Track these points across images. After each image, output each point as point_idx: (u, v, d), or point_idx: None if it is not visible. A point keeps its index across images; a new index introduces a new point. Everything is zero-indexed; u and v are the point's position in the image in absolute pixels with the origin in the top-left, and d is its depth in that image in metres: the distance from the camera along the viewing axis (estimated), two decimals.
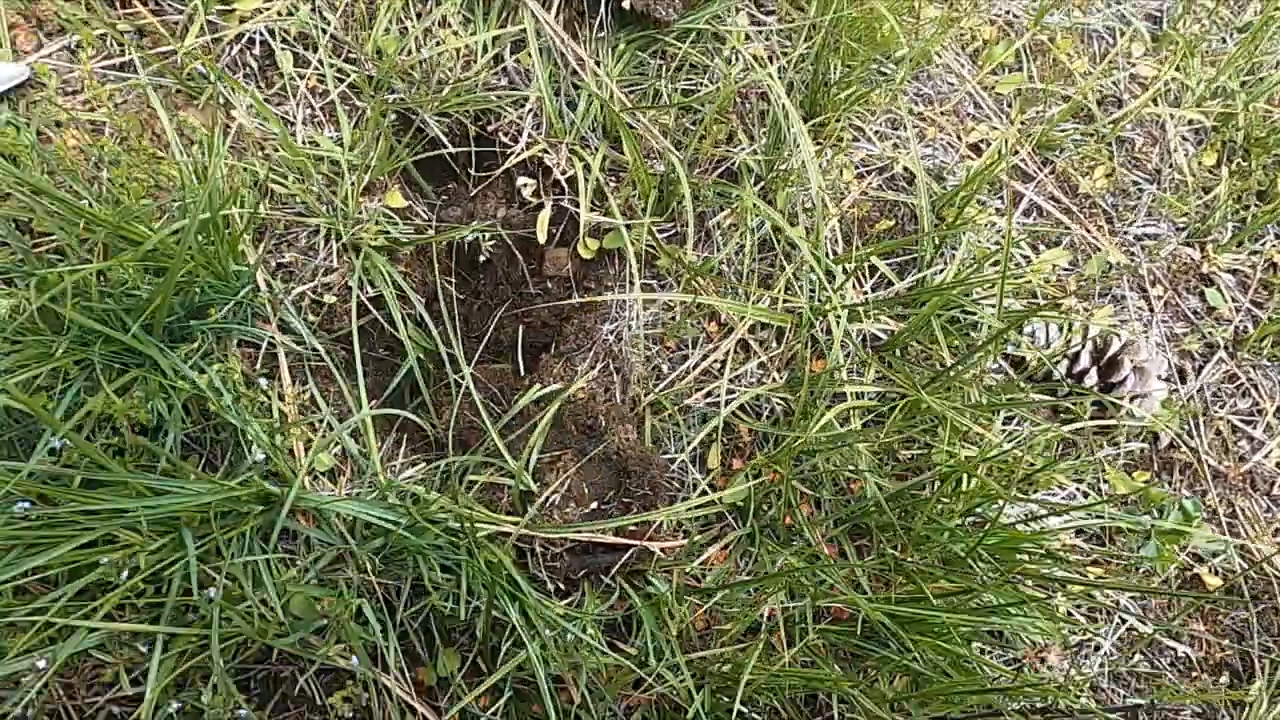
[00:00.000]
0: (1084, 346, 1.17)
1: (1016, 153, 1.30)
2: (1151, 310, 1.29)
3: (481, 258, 1.15)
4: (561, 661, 0.95)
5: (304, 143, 1.09)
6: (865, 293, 1.18)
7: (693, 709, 0.95)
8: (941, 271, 1.20)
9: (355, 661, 0.92)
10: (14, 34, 1.05)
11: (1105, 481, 1.18)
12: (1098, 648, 1.14)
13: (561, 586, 1.01)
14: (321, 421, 1.01)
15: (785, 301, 1.12)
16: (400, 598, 0.97)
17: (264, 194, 1.05)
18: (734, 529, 1.06)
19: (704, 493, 1.06)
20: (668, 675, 0.96)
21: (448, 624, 0.97)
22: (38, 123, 0.99)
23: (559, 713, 0.93)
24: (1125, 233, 1.32)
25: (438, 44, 1.14)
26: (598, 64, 1.15)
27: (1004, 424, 1.17)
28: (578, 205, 1.11)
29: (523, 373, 1.10)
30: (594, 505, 1.00)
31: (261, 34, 1.11)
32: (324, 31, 1.11)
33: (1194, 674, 1.16)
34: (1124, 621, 1.14)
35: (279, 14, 1.10)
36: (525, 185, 1.14)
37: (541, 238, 1.11)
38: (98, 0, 1.06)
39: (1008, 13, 1.39)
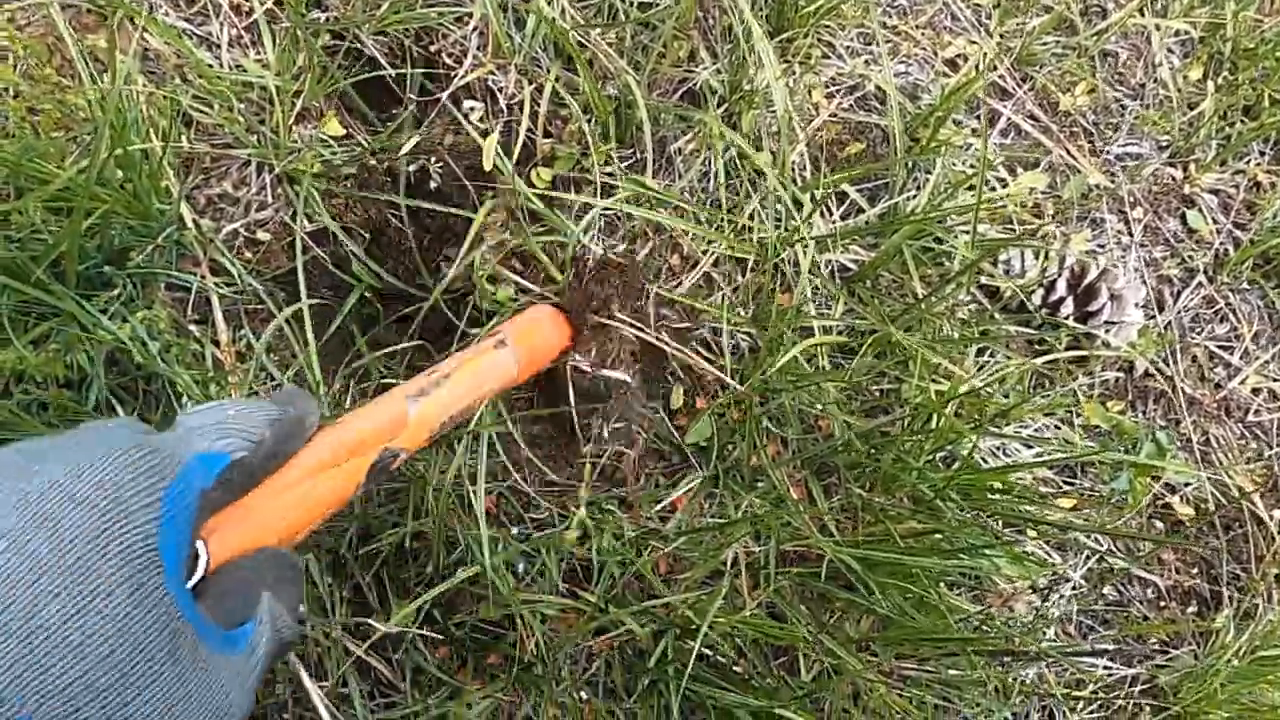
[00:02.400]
0: (1060, 275, 1.12)
1: (995, 68, 1.24)
2: (1131, 234, 1.25)
3: (432, 184, 1.08)
4: (516, 603, 0.92)
5: (229, 67, 1.01)
6: (834, 221, 1.13)
7: (654, 655, 0.93)
8: (914, 197, 1.14)
9: (303, 610, 0.89)
10: None
11: (1077, 415, 1.15)
12: (1067, 579, 1.12)
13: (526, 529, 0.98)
14: (261, 369, 0.95)
15: (750, 232, 1.07)
16: (349, 546, 0.94)
17: (187, 124, 0.97)
18: (697, 471, 1.03)
19: (668, 432, 1.02)
20: (628, 621, 0.94)
21: (401, 575, 0.94)
22: None
23: (516, 661, 0.91)
24: (1106, 152, 1.27)
25: None
26: None
27: (977, 356, 1.13)
28: (528, 131, 1.04)
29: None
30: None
31: None
32: None
33: (1162, 603, 1.16)
34: (1094, 554, 1.13)
35: None
36: (472, 110, 1.07)
37: (488, 165, 1.04)
38: None
39: None
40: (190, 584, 0.45)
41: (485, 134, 1.08)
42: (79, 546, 0.37)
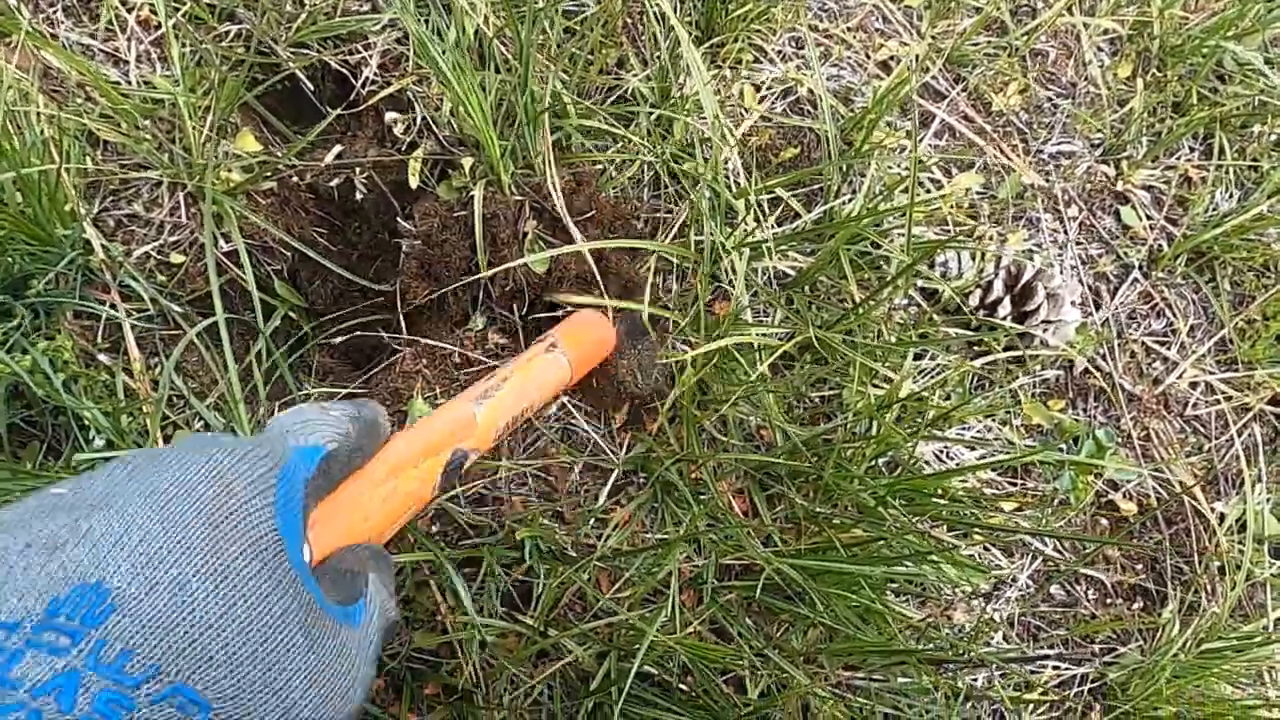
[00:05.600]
0: (997, 275, 1.12)
1: (927, 70, 1.23)
2: (1066, 232, 1.25)
3: (358, 195, 1.05)
4: (454, 631, 0.89)
5: (138, 83, 0.97)
6: (770, 227, 1.11)
7: (597, 678, 0.90)
8: (850, 201, 1.13)
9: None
10: None
11: (1016, 416, 1.15)
12: (1014, 581, 1.12)
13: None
14: (179, 397, 0.92)
15: (683, 239, 1.05)
16: None
17: (94, 144, 0.93)
18: (638, 486, 1.01)
19: (603, 450, 1.00)
20: (569, 644, 0.91)
21: None
22: None
23: (454, 691, 0.88)
24: (1039, 151, 1.27)
25: None
26: None
27: (916, 358, 1.12)
28: (447, 141, 1.02)
29: (404, 332, 1.02)
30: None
31: None
32: None
33: (1109, 600, 1.16)
34: (1040, 554, 1.13)
35: None
36: (395, 122, 1.04)
37: (414, 183, 1.01)
38: None
39: None
40: None
41: (411, 146, 1.05)
42: (209, 530, 0.41)
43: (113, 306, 0.89)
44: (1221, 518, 1.20)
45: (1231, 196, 1.34)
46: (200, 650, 0.38)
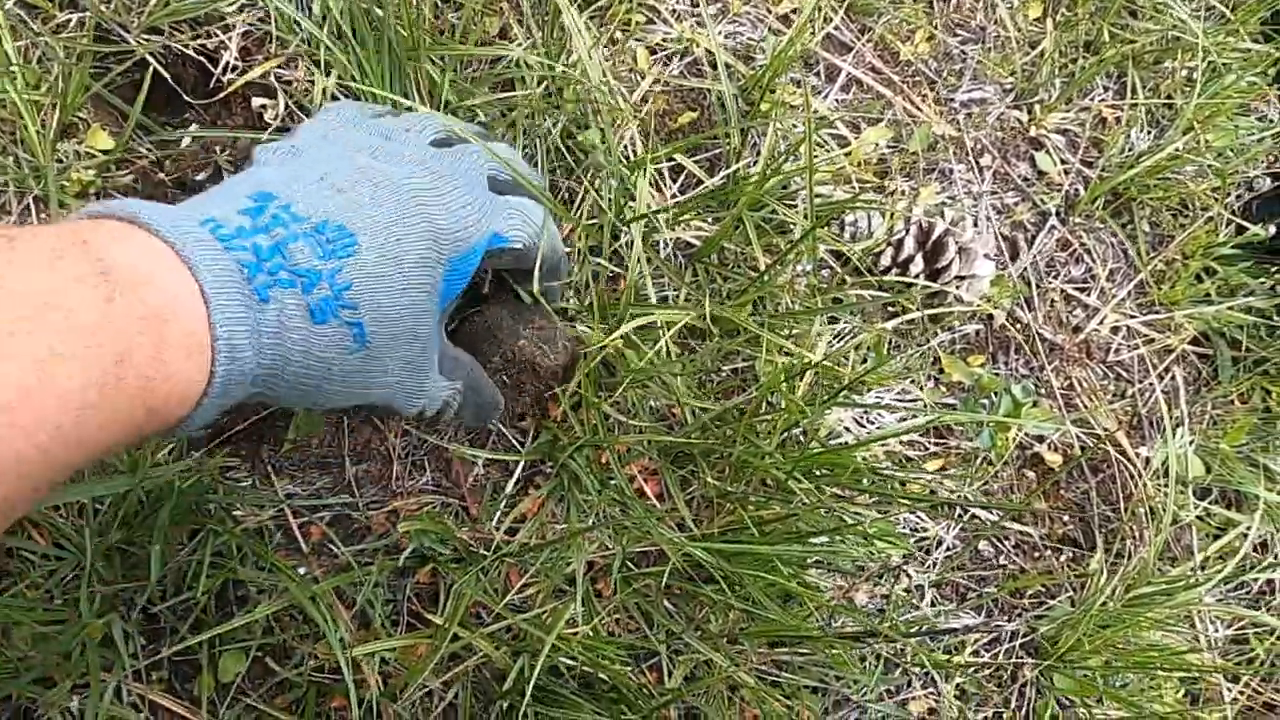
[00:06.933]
0: (908, 232, 1.09)
1: (829, 21, 1.19)
2: (981, 182, 1.22)
3: None
4: (354, 645, 0.86)
5: None
6: (673, 195, 1.07)
7: (510, 677, 0.87)
8: (754, 164, 1.09)
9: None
10: None
11: (933, 377, 1.13)
12: (940, 542, 1.10)
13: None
14: None
15: (586, 215, 1.00)
16: (166, 602, 0.86)
17: None
18: (545, 476, 0.97)
19: (514, 439, 0.96)
20: (481, 643, 0.88)
21: (226, 623, 0.86)
22: None
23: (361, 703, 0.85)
24: (950, 100, 1.24)
25: None
26: None
27: (832, 322, 1.09)
28: None
29: None
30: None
31: None
32: None
33: (1037, 554, 1.15)
34: (965, 513, 1.11)
35: None
36: (265, 108, 0.98)
37: None
38: None
39: None
40: None
41: (283, 131, 0.99)
42: (417, 263, 0.63)
43: None
44: (1147, 462, 1.19)
45: (1148, 135, 1.32)
46: (382, 312, 0.59)
